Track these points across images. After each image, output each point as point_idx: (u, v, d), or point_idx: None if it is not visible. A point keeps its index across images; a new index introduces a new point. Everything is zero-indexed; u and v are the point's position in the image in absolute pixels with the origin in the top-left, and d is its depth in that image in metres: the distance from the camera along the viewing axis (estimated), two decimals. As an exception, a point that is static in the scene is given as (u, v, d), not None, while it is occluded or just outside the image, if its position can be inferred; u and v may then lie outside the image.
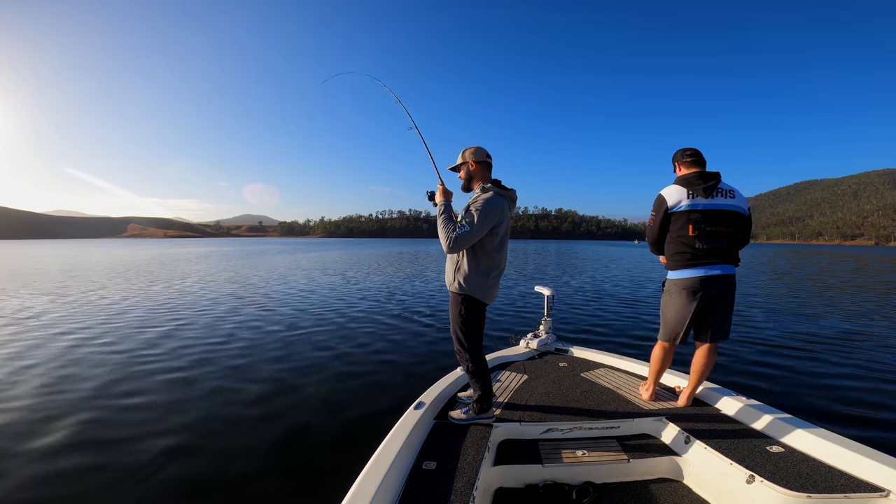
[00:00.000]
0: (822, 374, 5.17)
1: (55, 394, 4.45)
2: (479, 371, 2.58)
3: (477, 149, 2.61)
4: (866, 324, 8.55)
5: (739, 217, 2.66)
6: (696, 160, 2.75)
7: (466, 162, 2.59)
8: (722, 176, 2.69)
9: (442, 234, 2.40)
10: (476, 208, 2.42)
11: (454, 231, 2.38)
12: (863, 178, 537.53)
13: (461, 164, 2.62)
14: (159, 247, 70.28)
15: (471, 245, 2.43)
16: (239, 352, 6.11)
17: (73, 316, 8.80)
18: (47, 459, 3.20)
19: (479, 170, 2.60)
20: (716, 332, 2.71)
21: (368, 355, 5.94)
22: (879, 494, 1.87)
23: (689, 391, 2.86)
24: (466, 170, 2.61)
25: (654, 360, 2.97)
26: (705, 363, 2.77)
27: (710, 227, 2.60)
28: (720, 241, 2.61)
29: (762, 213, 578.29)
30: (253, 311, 9.34)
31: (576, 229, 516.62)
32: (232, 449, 3.38)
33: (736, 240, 2.67)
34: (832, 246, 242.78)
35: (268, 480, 2.97)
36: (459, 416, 2.60)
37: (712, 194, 2.62)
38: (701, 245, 2.61)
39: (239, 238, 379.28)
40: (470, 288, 2.51)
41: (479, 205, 2.43)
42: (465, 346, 2.58)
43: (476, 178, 2.61)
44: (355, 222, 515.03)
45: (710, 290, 2.63)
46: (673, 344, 2.85)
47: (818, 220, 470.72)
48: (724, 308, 2.69)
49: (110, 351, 6.12)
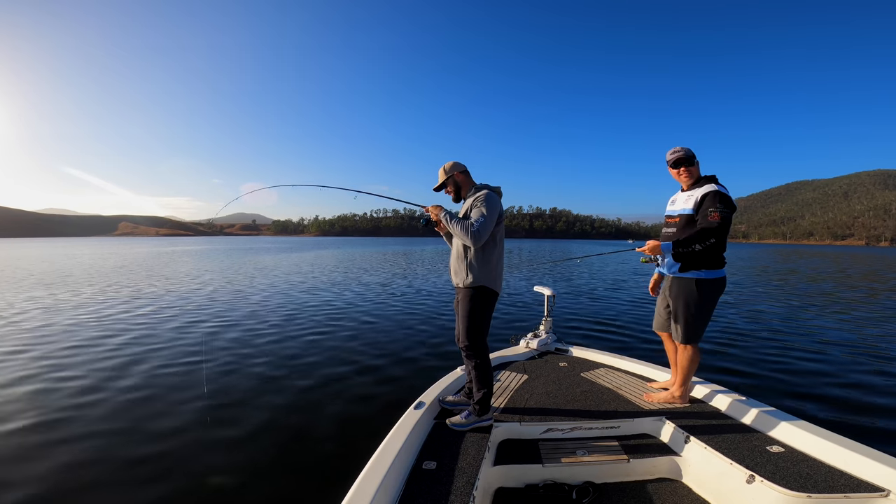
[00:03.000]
0: (822, 374, 5.21)
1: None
2: (487, 370, 2.61)
3: (455, 162, 2.80)
4: (865, 323, 8.64)
5: None
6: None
7: (451, 175, 2.76)
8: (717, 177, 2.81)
9: (461, 233, 2.52)
10: (479, 203, 2.58)
11: (471, 226, 2.49)
12: (853, 178, 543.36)
13: (446, 181, 2.78)
14: (150, 245, 69.65)
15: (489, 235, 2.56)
16: (238, 352, 6.06)
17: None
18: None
19: (464, 178, 2.78)
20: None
21: (368, 355, 5.91)
22: (879, 494, 1.87)
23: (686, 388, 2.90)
24: (453, 182, 2.77)
25: (693, 364, 2.86)
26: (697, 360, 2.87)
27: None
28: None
29: (754, 213, 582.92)
30: (248, 311, 9.27)
31: (570, 229, 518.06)
32: (232, 449, 3.37)
33: None
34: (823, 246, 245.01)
35: (268, 481, 2.96)
36: (460, 421, 2.59)
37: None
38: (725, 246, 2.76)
39: (232, 237, 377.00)
40: (483, 278, 2.60)
41: (480, 200, 2.60)
42: (476, 342, 2.61)
43: (464, 186, 2.78)
44: (350, 221, 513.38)
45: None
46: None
47: (809, 220, 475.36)
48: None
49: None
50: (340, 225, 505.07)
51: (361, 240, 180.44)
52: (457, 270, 2.68)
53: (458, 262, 2.67)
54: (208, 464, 3.15)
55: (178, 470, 3.07)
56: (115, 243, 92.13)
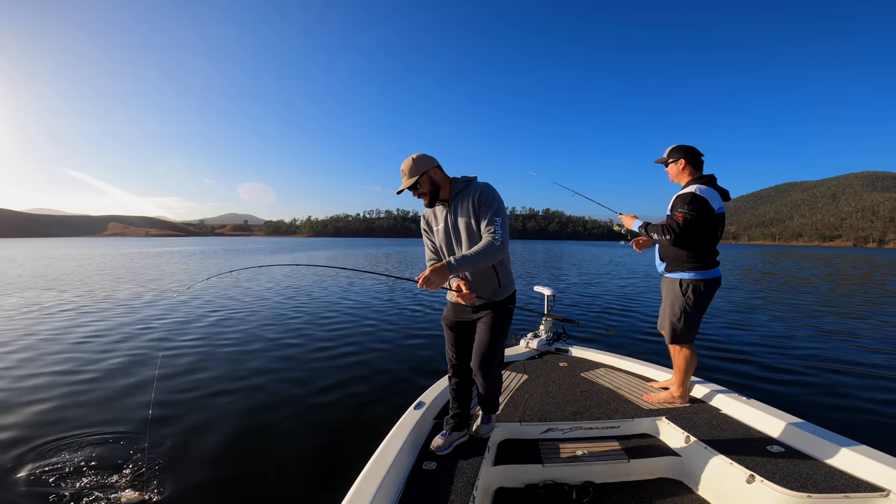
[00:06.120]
0: (822, 374, 5.25)
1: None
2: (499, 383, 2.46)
3: (424, 155, 2.27)
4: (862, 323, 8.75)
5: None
6: (702, 163, 2.85)
7: (426, 172, 2.22)
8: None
9: (482, 254, 2.09)
10: (486, 201, 2.19)
11: (496, 239, 2.13)
12: (842, 180, 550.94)
13: (419, 178, 2.21)
14: (138, 246, 68.82)
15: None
16: (237, 352, 6.03)
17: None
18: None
19: (442, 175, 2.30)
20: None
21: (367, 356, 5.89)
22: (879, 494, 1.88)
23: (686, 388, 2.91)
24: (429, 181, 2.24)
25: (689, 364, 2.86)
26: (693, 360, 2.88)
27: (722, 229, 2.73)
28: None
29: (743, 214, 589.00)
30: (247, 312, 9.19)
31: (563, 230, 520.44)
32: (232, 449, 3.37)
33: None
34: (812, 247, 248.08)
35: (267, 481, 2.95)
36: (441, 443, 2.28)
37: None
38: (715, 247, 2.74)
39: (224, 237, 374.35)
40: (512, 284, 2.39)
41: (487, 196, 2.20)
42: (501, 356, 2.39)
43: (443, 184, 2.30)
44: (342, 222, 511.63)
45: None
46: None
47: (798, 221, 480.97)
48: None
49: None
50: (333, 226, 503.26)
51: (354, 240, 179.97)
52: (487, 284, 2.28)
53: (487, 273, 2.27)
54: (206, 464, 3.12)
55: (177, 470, 3.04)
56: (102, 244, 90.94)
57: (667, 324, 2.82)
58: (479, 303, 2.30)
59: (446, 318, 2.49)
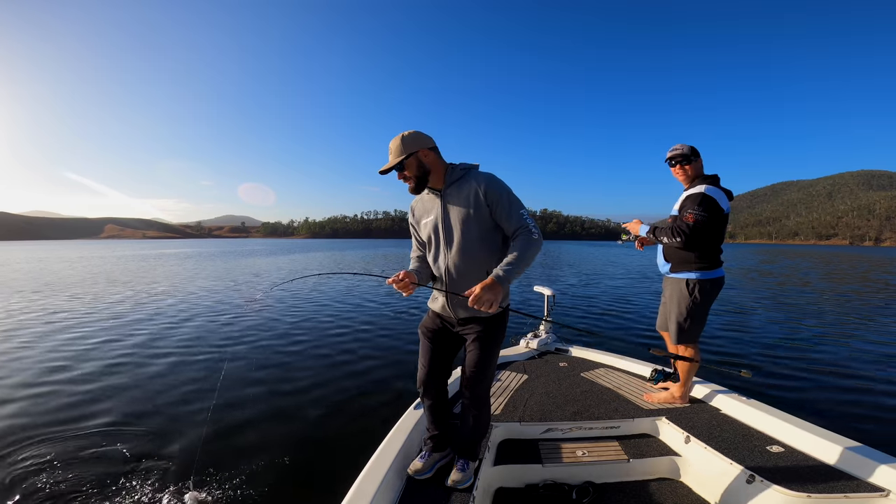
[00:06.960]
0: (822, 374, 5.25)
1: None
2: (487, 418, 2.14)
3: (418, 133, 1.94)
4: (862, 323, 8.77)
5: None
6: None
7: (415, 153, 1.90)
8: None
9: (526, 255, 1.85)
10: (496, 198, 1.92)
11: (534, 236, 1.91)
12: (837, 179, 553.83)
13: (405, 159, 1.90)
14: (133, 249, 68.57)
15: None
16: (237, 353, 6.01)
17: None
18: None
19: (435, 157, 1.96)
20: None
21: (367, 356, 5.89)
22: (879, 494, 1.88)
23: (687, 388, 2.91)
24: (417, 163, 1.92)
25: (693, 364, 2.81)
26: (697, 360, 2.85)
27: (725, 229, 2.74)
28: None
29: (740, 214, 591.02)
30: (247, 313, 9.18)
31: (560, 230, 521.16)
32: (231, 449, 3.37)
33: None
34: (808, 246, 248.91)
35: (267, 481, 2.94)
36: (420, 466, 2.04)
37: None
38: (719, 246, 2.75)
39: (221, 239, 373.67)
40: (508, 294, 2.04)
41: (496, 190, 1.92)
42: (491, 379, 2.09)
43: (435, 169, 1.96)
44: (340, 223, 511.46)
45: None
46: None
47: (794, 220, 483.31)
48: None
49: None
50: (331, 227, 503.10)
51: (352, 242, 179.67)
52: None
53: (475, 280, 1.81)
54: (206, 465, 3.11)
55: (177, 471, 3.04)
56: (99, 246, 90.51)
57: (672, 324, 2.81)
58: (467, 315, 1.99)
59: (425, 326, 2.14)
